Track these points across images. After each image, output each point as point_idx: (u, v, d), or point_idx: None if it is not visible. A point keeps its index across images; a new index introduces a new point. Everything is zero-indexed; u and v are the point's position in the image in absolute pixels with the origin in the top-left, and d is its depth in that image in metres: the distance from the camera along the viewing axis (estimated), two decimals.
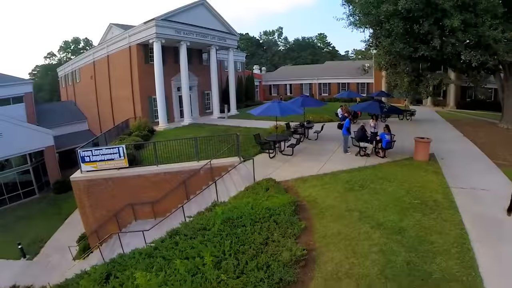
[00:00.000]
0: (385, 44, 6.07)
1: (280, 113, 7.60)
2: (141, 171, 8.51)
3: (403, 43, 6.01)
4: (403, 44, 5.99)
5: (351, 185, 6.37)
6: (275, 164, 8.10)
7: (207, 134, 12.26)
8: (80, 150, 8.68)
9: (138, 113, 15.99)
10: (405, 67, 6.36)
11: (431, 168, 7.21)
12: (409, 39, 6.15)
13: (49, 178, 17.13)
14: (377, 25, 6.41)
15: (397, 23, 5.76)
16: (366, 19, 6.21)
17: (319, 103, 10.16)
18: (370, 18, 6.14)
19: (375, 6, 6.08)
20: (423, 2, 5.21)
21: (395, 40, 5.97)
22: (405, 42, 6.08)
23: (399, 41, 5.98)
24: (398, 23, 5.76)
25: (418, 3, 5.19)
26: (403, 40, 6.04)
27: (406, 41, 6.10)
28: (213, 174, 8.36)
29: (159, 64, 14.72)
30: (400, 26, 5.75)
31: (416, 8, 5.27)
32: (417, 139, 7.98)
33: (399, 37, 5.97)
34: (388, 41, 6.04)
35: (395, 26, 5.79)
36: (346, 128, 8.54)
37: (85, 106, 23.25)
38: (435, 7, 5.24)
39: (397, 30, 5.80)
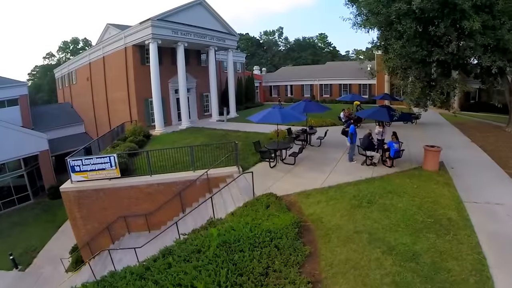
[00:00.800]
0: (396, 47, 5.55)
1: (281, 120, 7.08)
2: (134, 182, 8.03)
3: (416, 46, 5.49)
4: (416, 47, 5.48)
5: (358, 201, 5.88)
6: (276, 174, 7.61)
7: (205, 140, 11.80)
8: (69, 159, 8.23)
9: (134, 116, 15.51)
10: (417, 72, 5.85)
11: (442, 179, 6.80)
12: (422, 41, 5.62)
13: (44, 183, 16.74)
14: (387, 26, 5.88)
15: (409, 24, 5.25)
16: (375, 19, 5.68)
17: (323, 108, 9.61)
18: (379, 18, 5.62)
19: (385, 5, 5.56)
20: (440, 2, 4.70)
21: (407, 42, 5.46)
22: (417, 44, 5.56)
23: (412, 44, 5.46)
24: (410, 24, 5.24)
25: (434, 3, 4.68)
26: (415, 43, 5.52)
27: (418, 43, 5.58)
28: (210, 185, 7.88)
29: (155, 66, 14.22)
30: (413, 27, 5.24)
31: (432, 8, 4.76)
32: (426, 147, 7.48)
33: (411, 39, 5.46)
34: (400, 43, 5.52)
35: (408, 27, 5.27)
36: (351, 135, 8.03)
37: (81, 108, 22.79)
38: (453, 7, 4.74)
39: (410, 32, 5.29)
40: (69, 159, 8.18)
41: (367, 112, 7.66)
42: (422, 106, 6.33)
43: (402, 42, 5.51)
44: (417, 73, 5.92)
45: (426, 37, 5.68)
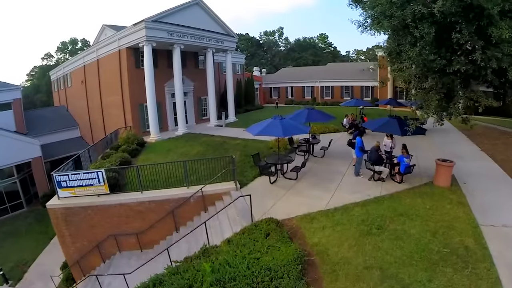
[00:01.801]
0: (411, 54, 4.92)
1: (282, 133, 6.44)
2: (123, 200, 7.46)
3: (433, 54, 4.87)
4: (433, 55, 4.85)
5: (367, 226, 5.30)
6: (276, 191, 7.01)
7: (201, 149, 11.21)
8: (55, 174, 7.72)
9: (128, 122, 14.91)
10: (434, 82, 5.23)
11: (455, 197, 6.30)
12: (441, 49, 5.00)
13: (37, 190, 16.22)
14: (401, 30, 5.25)
15: (427, 29, 4.63)
16: (388, 23, 5.05)
17: (326, 116, 8.96)
18: (393, 21, 4.98)
19: (399, 7, 4.93)
20: (464, 5, 4.09)
21: (424, 49, 4.84)
22: (435, 52, 4.93)
23: (429, 51, 4.84)
24: (429, 29, 4.62)
25: (458, 6, 4.06)
26: (433, 50, 4.90)
27: (436, 51, 4.95)
28: (205, 203, 7.30)
29: (150, 70, 13.59)
30: (431, 32, 4.61)
31: (455, 12, 4.14)
32: (438, 162, 6.91)
33: (429, 46, 4.85)
34: (416, 50, 4.90)
35: (425, 32, 4.65)
36: (359, 148, 7.41)
37: (76, 112, 22.20)
38: (480, 12, 4.13)
39: (428, 38, 4.67)
40: (55, 174, 7.69)
41: (375, 124, 7.03)
42: (438, 120, 5.70)
43: (419, 48, 4.87)
44: (434, 84, 5.29)
45: (445, 44, 5.04)
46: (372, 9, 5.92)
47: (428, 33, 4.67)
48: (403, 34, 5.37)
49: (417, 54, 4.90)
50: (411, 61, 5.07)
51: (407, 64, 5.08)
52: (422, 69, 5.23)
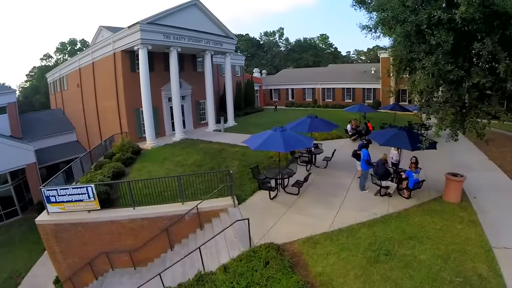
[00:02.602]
0: (426, 64, 4.45)
1: (284, 147, 5.95)
2: (115, 217, 7.03)
3: (450, 64, 4.41)
4: (450, 65, 4.39)
5: (375, 252, 4.87)
6: (277, 209, 6.56)
7: (198, 157, 10.75)
8: (44, 188, 7.39)
9: (124, 127, 14.46)
10: (449, 95, 4.77)
11: (466, 215, 5.97)
12: (458, 58, 4.53)
13: (32, 196, 15.82)
14: (414, 37, 4.77)
15: (445, 36, 4.16)
16: (401, 28, 4.56)
17: (330, 125, 8.46)
18: (407, 26, 4.50)
19: (413, 11, 4.45)
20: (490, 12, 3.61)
21: (440, 58, 4.37)
22: (452, 62, 4.47)
23: (446, 60, 4.38)
24: (446, 36, 4.16)
25: (482, 13, 3.60)
26: (450, 59, 4.43)
27: (453, 60, 4.48)
28: (201, 220, 6.86)
29: (145, 74, 13.12)
30: (449, 40, 4.15)
31: (478, 18, 3.68)
32: (449, 176, 6.48)
33: (445, 55, 4.38)
34: (432, 59, 4.42)
35: (443, 40, 4.18)
36: (365, 160, 6.95)
37: (73, 116, 21.77)
38: (506, 20, 3.66)
39: (446, 46, 4.20)
40: (43, 189, 7.36)
41: (383, 137, 6.54)
42: (452, 135, 5.23)
43: (435, 57, 4.40)
44: (449, 96, 4.82)
45: (462, 53, 4.57)
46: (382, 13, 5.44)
47: (446, 41, 4.20)
48: (416, 40, 4.89)
49: (433, 64, 4.43)
50: (425, 71, 4.60)
51: (422, 74, 4.60)
52: (437, 80, 4.75)
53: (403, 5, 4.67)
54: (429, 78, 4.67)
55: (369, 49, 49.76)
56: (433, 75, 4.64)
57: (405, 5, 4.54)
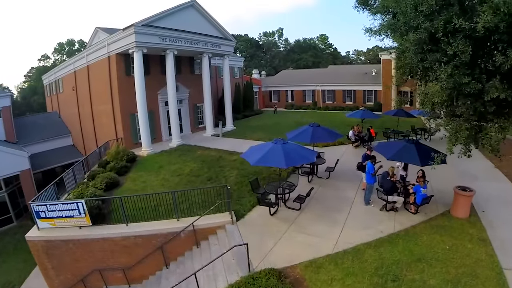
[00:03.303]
0: (441, 75, 4.08)
1: (285, 162, 5.52)
2: (107, 234, 6.66)
3: (466, 76, 4.03)
4: (466, 77, 4.01)
5: (382, 278, 4.52)
6: (277, 227, 6.18)
7: (195, 166, 10.36)
8: (33, 204, 7.04)
9: (119, 133, 14.04)
10: (465, 109, 4.40)
11: (475, 232, 5.73)
12: (475, 69, 4.15)
13: (27, 203, 15.38)
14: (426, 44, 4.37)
15: (463, 46, 3.78)
16: (414, 35, 4.15)
17: (333, 135, 8.03)
18: (420, 33, 4.11)
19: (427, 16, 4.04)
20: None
21: (456, 70, 3.99)
22: (469, 73, 4.09)
23: (463, 72, 4.00)
24: (464, 45, 3.78)
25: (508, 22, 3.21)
26: (466, 71, 4.05)
27: (470, 72, 4.10)
28: (197, 237, 6.48)
29: (140, 78, 12.69)
30: (467, 50, 3.77)
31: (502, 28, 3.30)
32: (457, 190, 6.15)
33: (462, 67, 4.00)
34: (448, 70, 4.05)
35: (461, 50, 3.80)
36: (370, 174, 6.58)
37: (68, 119, 21.32)
38: None
39: (465, 57, 3.82)
40: (32, 204, 7.01)
41: (389, 150, 6.15)
42: (465, 151, 4.85)
43: (451, 69, 4.02)
44: (464, 110, 4.44)
45: (479, 64, 4.19)
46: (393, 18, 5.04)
47: (464, 51, 3.81)
48: (430, 49, 4.50)
49: (449, 75, 4.04)
50: (439, 83, 4.22)
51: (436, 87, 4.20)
52: (452, 92, 4.37)
53: (415, 9, 4.25)
54: (443, 91, 4.29)
55: (368, 49, 49.41)
56: (447, 87, 4.25)
57: (419, 10, 4.13)
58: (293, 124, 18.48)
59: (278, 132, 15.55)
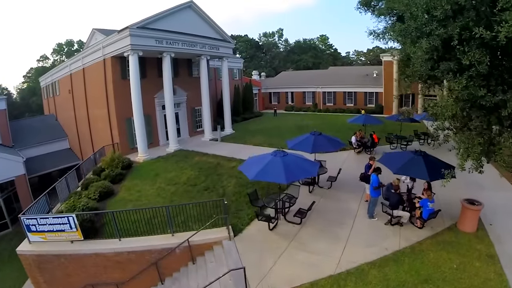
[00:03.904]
0: (455, 87, 3.76)
1: (285, 177, 5.14)
2: (99, 249, 6.37)
3: (481, 87, 3.71)
4: (481, 89, 3.69)
5: None
6: (277, 243, 5.86)
7: (192, 174, 10.03)
8: (23, 217, 6.79)
9: (115, 138, 13.71)
10: (479, 122, 4.08)
11: (483, 248, 5.50)
12: (490, 80, 3.83)
13: (23, 209, 15.10)
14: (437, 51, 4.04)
15: (479, 56, 3.46)
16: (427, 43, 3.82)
17: (335, 144, 7.68)
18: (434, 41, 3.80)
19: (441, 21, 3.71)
20: None
21: (471, 81, 3.67)
22: (484, 85, 3.77)
23: (478, 84, 3.68)
24: (480, 55, 3.46)
25: None
26: (481, 82, 3.74)
27: (485, 83, 3.79)
28: (192, 253, 6.17)
29: (136, 82, 12.36)
30: (485, 61, 3.46)
31: None
32: (465, 204, 5.88)
33: (478, 78, 3.68)
34: (462, 82, 3.73)
35: (477, 60, 3.49)
36: (374, 187, 6.27)
37: (65, 122, 21.00)
38: None
39: (482, 69, 3.50)
40: (22, 217, 6.79)
41: (395, 163, 5.81)
42: (477, 166, 4.54)
43: (466, 80, 3.70)
44: (478, 124, 4.13)
45: (494, 74, 3.87)
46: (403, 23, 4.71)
47: (481, 61, 3.49)
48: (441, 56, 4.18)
49: (464, 87, 3.72)
50: (453, 95, 3.90)
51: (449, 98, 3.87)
52: (465, 105, 4.05)
53: (427, 13, 3.91)
54: (457, 103, 3.97)
55: (369, 50, 49.04)
56: (461, 99, 3.93)
57: (432, 15, 3.78)
58: (294, 127, 18.17)
59: (278, 136, 15.24)
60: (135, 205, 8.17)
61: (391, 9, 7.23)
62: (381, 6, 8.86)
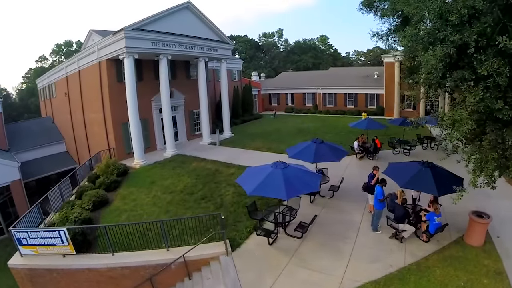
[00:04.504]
0: (471, 99, 3.48)
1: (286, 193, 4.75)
2: (92, 265, 6.11)
3: (497, 100, 3.43)
4: (498, 102, 3.41)
5: None
6: (276, 259, 5.58)
7: (190, 181, 9.74)
8: (14, 230, 6.54)
9: (111, 143, 13.41)
10: (493, 137, 3.79)
11: (491, 263, 5.26)
12: (507, 92, 3.54)
13: (19, 214, 14.87)
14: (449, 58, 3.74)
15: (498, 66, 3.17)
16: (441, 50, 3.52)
17: (338, 153, 7.22)
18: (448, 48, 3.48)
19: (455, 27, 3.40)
20: None
21: (488, 93, 3.38)
22: (501, 97, 3.49)
23: (494, 96, 3.40)
24: (499, 65, 3.17)
25: None
26: (498, 94, 3.46)
27: (501, 95, 3.50)
28: (188, 269, 5.89)
29: (131, 86, 12.04)
30: (505, 72, 3.17)
31: None
32: (473, 217, 5.62)
33: (495, 89, 3.39)
34: (479, 94, 3.42)
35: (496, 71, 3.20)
36: (378, 200, 5.99)
37: (62, 125, 20.70)
38: None
39: (502, 80, 3.18)
40: (13, 230, 6.54)
41: (402, 175, 5.48)
42: (490, 182, 4.26)
43: (482, 92, 3.41)
44: (493, 138, 3.84)
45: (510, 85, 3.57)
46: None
47: (500, 72, 3.19)
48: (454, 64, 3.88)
49: (480, 100, 3.43)
50: (467, 107, 3.61)
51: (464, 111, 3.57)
52: (480, 118, 3.76)
53: (440, 17, 3.60)
54: (471, 116, 3.68)
55: (369, 50, 48.65)
56: (476, 111, 3.63)
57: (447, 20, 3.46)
58: (294, 130, 17.87)
59: (278, 140, 14.94)
60: (130, 216, 7.90)
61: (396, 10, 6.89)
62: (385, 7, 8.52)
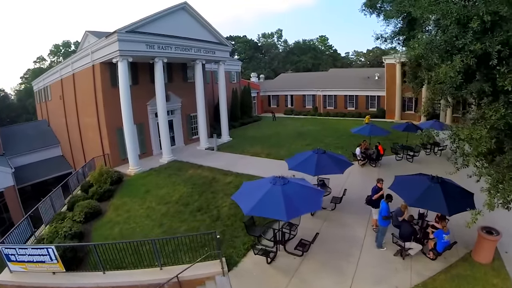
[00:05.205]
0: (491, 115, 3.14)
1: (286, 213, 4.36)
2: (82, 284, 5.83)
3: None
4: None
5: None
6: (275, 281, 5.23)
7: (186, 191, 9.38)
8: (1, 246, 6.23)
9: (106, 149, 13.05)
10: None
11: (500, 283, 4.99)
12: None
13: (13, 220, 14.55)
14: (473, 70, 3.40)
15: None
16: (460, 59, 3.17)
17: (341, 164, 6.86)
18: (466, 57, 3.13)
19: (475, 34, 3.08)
20: None
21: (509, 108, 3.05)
22: None
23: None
24: None
25: None
26: None
27: None
28: None
29: (125, 90, 11.66)
30: None
31: None
32: (482, 234, 5.31)
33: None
34: (501, 110, 3.07)
35: None
36: (383, 216, 5.66)
37: (57, 128, 20.31)
38: None
39: None
40: (1, 247, 6.21)
41: (410, 193, 4.99)
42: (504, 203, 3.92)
43: (504, 108, 3.08)
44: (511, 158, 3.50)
45: None
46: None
47: None
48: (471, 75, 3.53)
49: (500, 117, 3.10)
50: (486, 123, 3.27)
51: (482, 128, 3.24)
52: (499, 136, 3.42)
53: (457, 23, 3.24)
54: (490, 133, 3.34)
55: (368, 50, 48.26)
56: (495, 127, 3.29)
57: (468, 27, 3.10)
58: (294, 133, 17.51)
59: (277, 145, 14.58)
60: (123, 229, 7.56)
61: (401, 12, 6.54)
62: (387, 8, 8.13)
